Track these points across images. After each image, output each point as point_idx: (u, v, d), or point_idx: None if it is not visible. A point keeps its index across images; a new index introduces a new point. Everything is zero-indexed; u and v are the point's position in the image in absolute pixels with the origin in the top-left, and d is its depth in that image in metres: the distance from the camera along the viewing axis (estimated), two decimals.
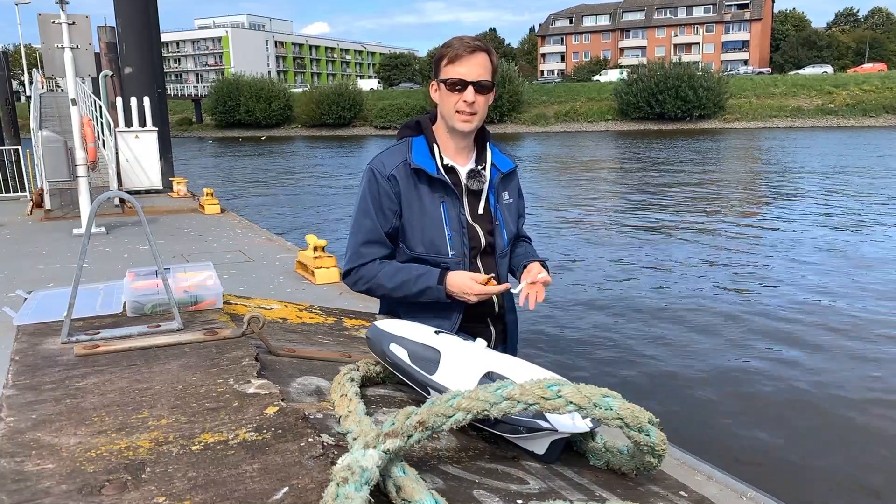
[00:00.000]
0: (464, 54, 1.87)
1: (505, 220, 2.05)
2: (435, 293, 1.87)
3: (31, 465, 0.93)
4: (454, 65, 1.88)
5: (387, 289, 1.95)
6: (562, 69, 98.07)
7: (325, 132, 66.56)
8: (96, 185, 11.31)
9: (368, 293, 2.01)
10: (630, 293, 9.25)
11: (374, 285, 1.97)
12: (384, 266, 1.95)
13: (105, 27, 21.48)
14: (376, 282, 1.96)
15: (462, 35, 1.93)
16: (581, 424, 1.14)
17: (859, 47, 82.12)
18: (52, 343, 1.45)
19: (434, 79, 1.96)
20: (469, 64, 1.87)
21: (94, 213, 1.66)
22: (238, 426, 1.06)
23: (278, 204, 19.93)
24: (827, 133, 46.63)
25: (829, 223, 14.19)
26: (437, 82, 1.94)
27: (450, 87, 1.89)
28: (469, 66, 1.87)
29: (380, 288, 1.96)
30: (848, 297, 8.70)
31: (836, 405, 5.71)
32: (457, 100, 1.89)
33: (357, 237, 1.98)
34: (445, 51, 1.90)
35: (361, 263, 1.97)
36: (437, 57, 1.94)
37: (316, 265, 6.92)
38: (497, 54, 1.98)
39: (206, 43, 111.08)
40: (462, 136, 1.97)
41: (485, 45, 1.91)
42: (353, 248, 1.99)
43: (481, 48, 1.89)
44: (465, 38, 1.91)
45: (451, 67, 1.88)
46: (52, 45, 8.93)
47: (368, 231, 1.96)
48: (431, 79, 1.99)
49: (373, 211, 1.95)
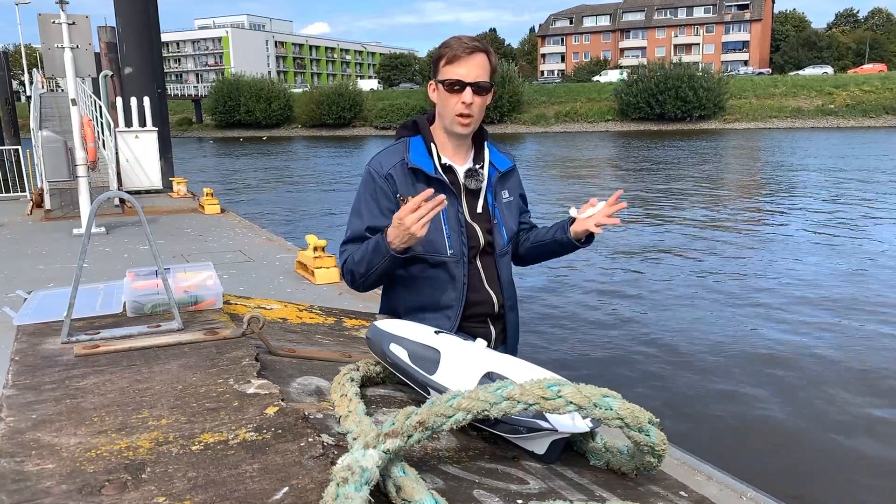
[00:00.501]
0: (462, 55, 1.86)
1: (504, 218, 2.05)
2: (383, 245, 1.81)
3: (31, 465, 0.93)
4: (452, 65, 1.87)
5: (360, 269, 1.92)
6: (562, 69, 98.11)
7: (325, 132, 66.58)
8: (96, 185, 11.31)
9: (355, 283, 1.99)
10: (630, 293, 9.25)
11: (353, 270, 1.95)
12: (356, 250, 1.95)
13: (105, 27, 21.50)
14: (351, 267, 1.95)
15: (461, 35, 1.93)
16: (581, 424, 1.14)
17: (859, 48, 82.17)
18: (52, 343, 1.45)
19: (433, 79, 1.96)
20: (467, 65, 1.87)
21: (94, 213, 1.66)
22: (238, 426, 1.06)
23: (278, 204, 19.92)
24: (827, 134, 46.64)
25: (829, 223, 14.19)
26: (435, 82, 1.94)
27: (448, 88, 1.88)
28: (468, 66, 1.87)
29: (357, 272, 1.94)
30: (848, 297, 8.70)
31: (837, 405, 5.71)
32: (455, 101, 1.89)
33: (347, 236, 2.01)
34: (444, 51, 1.90)
35: (345, 259, 1.99)
36: (435, 57, 1.94)
37: (316, 265, 6.92)
38: (496, 55, 1.98)
39: (206, 43, 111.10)
40: (460, 136, 1.98)
41: (483, 46, 1.91)
42: (342, 246, 2.02)
43: (479, 49, 1.89)
44: (464, 38, 1.90)
45: (450, 68, 1.88)
46: (52, 45, 8.93)
47: (356, 229, 1.97)
48: (430, 79, 1.99)
49: (364, 211, 1.96)
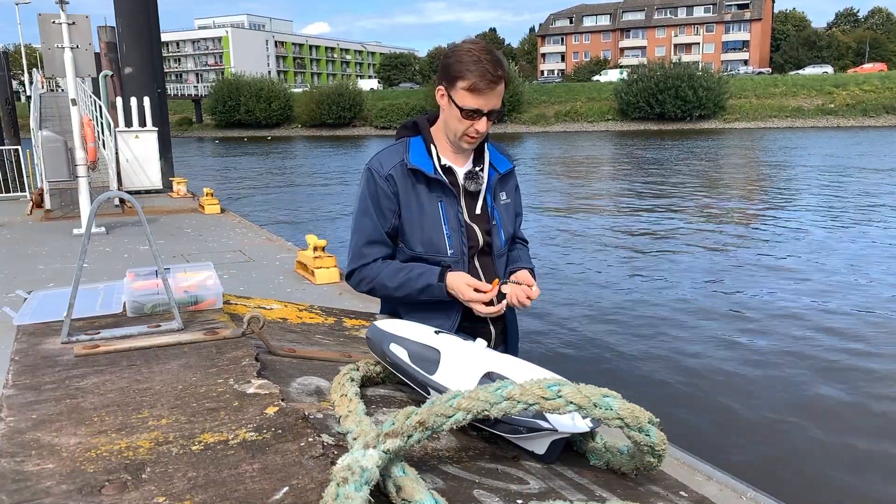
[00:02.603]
0: (484, 88, 1.80)
1: (502, 220, 2.05)
2: (437, 291, 1.86)
3: (31, 465, 0.93)
4: (473, 95, 1.81)
5: (389, 289, 1.94)
6: (562, 69, 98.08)
7: (325, 132, 66.56)
8: (96, 185, 11.32)
9: (371, 293, 2.01)
10: (630, 293, 9.25)
11: (376, 285, 1.96)
12: (385, 266, 1.95)
13: (105, 27, 21.49)
14: (378, 282, 1.95)
15: (480, 54, 1.79)
16: (581, 424, 1.14)
17: (859, 47, 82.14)
18: (52, 343, 1.45)
19: (441, 84, 1.88)
20: (488, 96, 1.82)
21: (94, 213, 1.66)
22: (238, 426, 1.06)
23: (278, 204, 19.92)
24: (827, 133, 46.63)
25: (830, 223, 14.19)
26: (446, 93, 1.88)
27: (465, 115, 1.84)
28: (487, 98, 1.82)
29: (382, 288, 1.95)
30: (848, 297, 8.70)
31: (837, 405, 5.71)
32: (468, 126, 1.86)
33: (358, 237, 1.97)
34: (463, 72, 1.80)
35: (364, 264, 1.96)
36: (453, 72, 1.83)
37: (316, 265, 6.92)
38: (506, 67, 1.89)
39: (206, 43, 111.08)
40: (464, 152, 1.98)
41: (503, 74, 1.82)
42: (355, 248, 1.98)
43: (501, 78, 1.81)
44: (484, 62, 1.78)
45: (469, 96, 1.81)
46: (52, 45, 8.93)
47: (369, 231, 1.95)
48: (437, 81, 1.91)
49: (372, 210, 1.94)
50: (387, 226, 1.94)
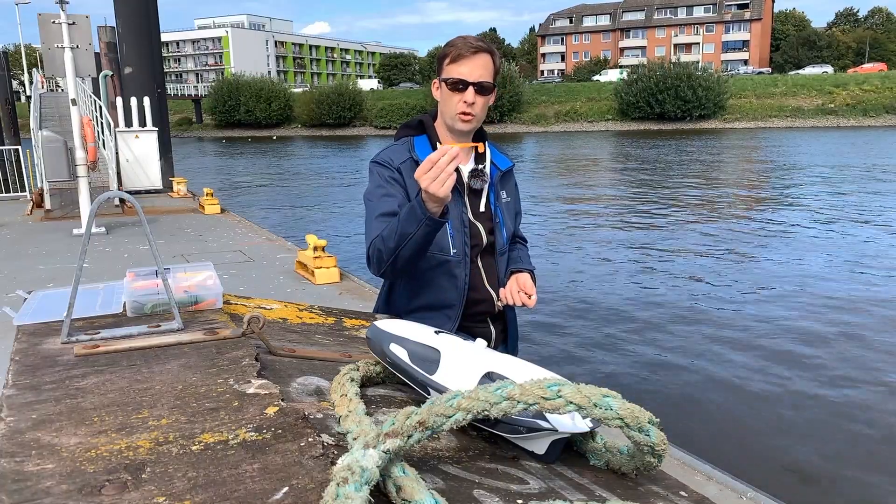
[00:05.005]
0: (466, 54, 1.87)
1: (504, 218, 2.06)
2: (417, 208, 1.70)
3: (31, 465, 0.93)
4: (456, 64, 1.88)
5: (389, 244, 1.80)
6: (562, 69, 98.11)
7: (325, 132, 66.58)
8: (96, 185, 11.31)
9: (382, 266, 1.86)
10: (630, 293, 9.25)
11: (382, 248, 1.83)
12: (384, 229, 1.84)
13: (105, 27, 21.47)
14: (379, 246, 1.84)
15: (466, 35, 1.93)
16: (581, 424, 1.14)
17: (859, 47, 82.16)
18: (52, 343, 1.45)
19: (436, 77, 1.97)
20: (471, 64, 1.87)
21: (94, 213, 1.66)
22: (238, 426, 1.06)
23: (278, 204, 19.92)
24: (827, 133, 46.63)
25: (830, 222, 14.19)
26: (438, 81, 1.95)
27: (451, 87, 1.89)
28: (471, 66, 1.87)
29: (385, 248, 1.82)
30: (848, 297, 8.70)
31: (837, 405, 5.71)
32: (457, 99, 1.89)
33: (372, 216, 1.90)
34: (448, 50, 1.90)
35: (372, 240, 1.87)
36: (440, 55, 1.94)
37: (316, 265, 6.92)
38: (500, 55, 1.98)
39: (206, 43, 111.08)
40: (462, 135, 1.98)
41: (488, 46, 1.90)
42: (368, 226, 1.90)
43: (484, 49, 1.89)
44: (469, 37, 1.90)
45: (453, 67, 1.88)
46: (52, 45, 8.93)
47: (382, 208, 1.88)
48: (434, 77, 1.99)
49: (383, 193, 1.90)
50: (399, 200, 1.88)
